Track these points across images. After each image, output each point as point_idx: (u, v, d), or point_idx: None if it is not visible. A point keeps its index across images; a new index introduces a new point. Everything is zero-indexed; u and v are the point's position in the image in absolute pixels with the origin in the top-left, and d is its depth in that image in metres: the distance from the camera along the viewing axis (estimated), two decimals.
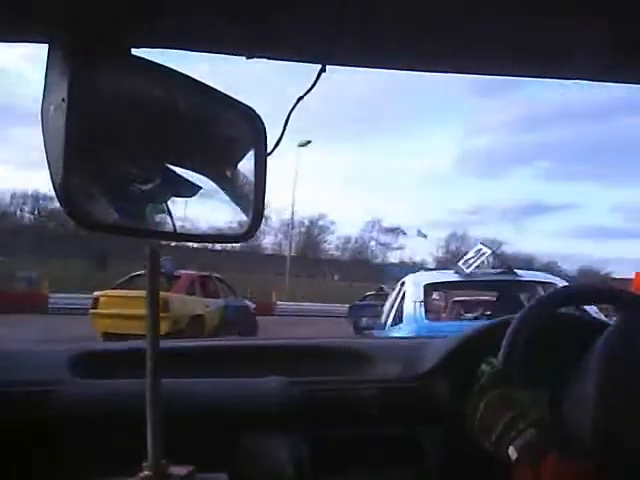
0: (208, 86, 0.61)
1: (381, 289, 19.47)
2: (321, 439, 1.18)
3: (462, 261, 4.64)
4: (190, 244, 0.69)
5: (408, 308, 4.38)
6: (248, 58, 0.60)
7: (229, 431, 1.15)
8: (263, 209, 0.65)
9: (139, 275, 11.35)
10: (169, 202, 0.63)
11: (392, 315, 4.76)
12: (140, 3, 0.52)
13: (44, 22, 0.53)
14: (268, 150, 0.66)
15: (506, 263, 4.92)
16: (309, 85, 0.63)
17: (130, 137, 0.58)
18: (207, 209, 0.65)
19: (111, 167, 0.57)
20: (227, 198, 0.67)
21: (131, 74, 0.57)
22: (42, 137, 0.52)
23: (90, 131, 0.54)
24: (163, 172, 0.61)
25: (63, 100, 0.51)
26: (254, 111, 0.65)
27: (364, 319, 13.88)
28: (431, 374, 1.22)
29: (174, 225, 0.63)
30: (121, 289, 11.18)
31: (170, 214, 0.63)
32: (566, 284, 3.95)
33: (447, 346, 1.28)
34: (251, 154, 0.66)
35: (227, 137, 0.69)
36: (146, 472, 0.68)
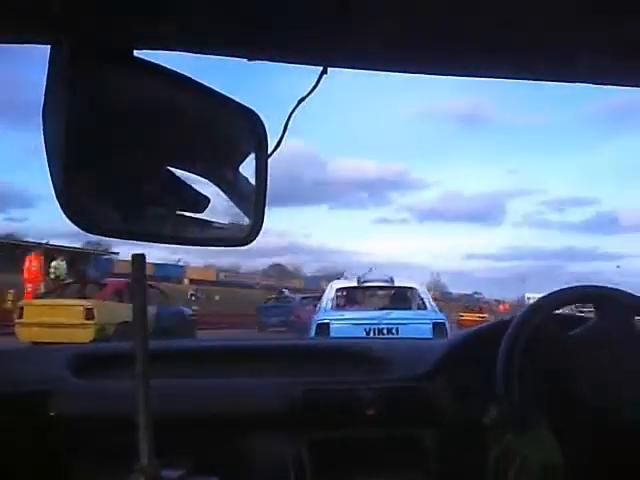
0: (209, 88, 0.61)
1: (281, 292, 20.58)
2: (321, 439, 1.18)
3: (361, 274, 7.73)
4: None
5: (322, 302, 7.28)
6: (249, 60, 0.60)
7: (230, 431, 1.15)
8: (264, 212, 0.65)
9: (68, 284, 11.97)
10: (170, 205, 0.63)
11: (318, 306, 7.53)
12: (142, 5, 0.52)
13: (45, 23, 0.52)
14: (269, 152, 0.66)
15: (389, 276, 7.53)
16: (310, 87, 0.63)
17: (130, 139, 0.58)
18: (208, 212, 0.65)
19: (112, 169, 0.57)
20: (228, 200, 0.67)
21: (132, 76, 0.56)
22: (42, 139, 0.52)
23: (91, 133, 0.54)
24: (164, 174, 0.61)
25: (64, 102, 0.51)
26: (255, 113, 0.65)
27: (272, 318, 15.05)
28: (431, 375, 1.22)
29: (174, 228, 0.62)
30: (44, 299, 10.98)
31: (170, 217, 0.63)
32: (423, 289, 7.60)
33: (446, 347, 1.29)
34: (252, 156, 0.66)
35: (228, 139, 0.69)
36: (137, 475, 0.68)
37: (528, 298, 22.74)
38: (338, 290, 7.55)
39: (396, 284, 7.48)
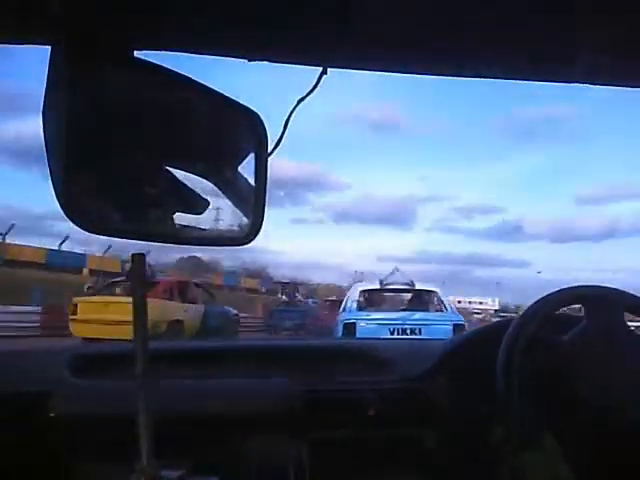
0: (209, 88, 0.61)
1: (294, 296, 21.04)
2: (321, 439, 1.18)
3: (383, 277, 8.20)
4: None
5: (347, 303, 7.69)
6: (249, 61, 0.60)
7: (230, 431, 1.15)
8: (264, 211, 0.65)
9: (117, 282, 11.95)
10: (169, 204, 0.63)
11: (342, 307, 7.92)
12: (142, 6, 0.52)
13: (46, 24, 0.52)
14: (269, 151, 0.66)
15: (410, 279, 8.06)
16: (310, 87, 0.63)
17: (130, 139, 0.58)
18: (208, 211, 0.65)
19: (112, 169, 0.57)
20: (228, 200, 0.67)
21: (132, 76, 0.57)
22: (43, 139, 0.52)
23: (91, 133, 0.54)
24: (164, 174, 0.61)
25: (64, 102, 0.51)
26: (255, 113, 0.65)
27: (286, 322, 14.99)
28: (431, 375, 1.22)
29: (174, 228, 0.63)
30: (99, 295, 11.39)
31: (170, 216, 0.63)
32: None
33: (446, 347, 1.29)
34: (252, 156, 0.66)
35: (228, 139, 0.69)
36: (137, 475, 0.68)
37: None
38: (362, 292, 8.03)
39: (417, 287, 8.09)
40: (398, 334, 6.68)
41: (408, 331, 6.79)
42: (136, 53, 0.55)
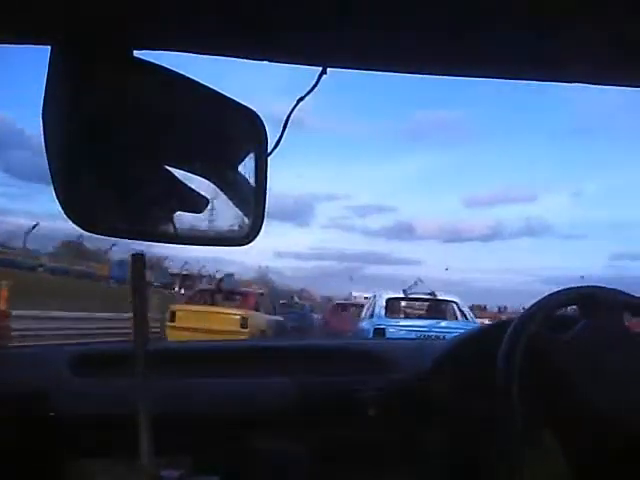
0: (209, 88, 0.61)
1: (291, 298, 21.85)
2: (321, 439, 1.18)
3: (407, 287, 9.72)
4: None
5: (376, 309, 8.58)
6: (250, 60, 0.60)
7: (230, 431, 1.15)
8: (264, 211, 0.65)
9: (205, 290, 13.31)
10: (170, 204, 0.63)
11: (367, 313, 9.10)
12: (142, 5, 0.52)
13: (45, 24, 0.52)
14: (269, 151, 0.66)
15: (431, 290, 9.17)
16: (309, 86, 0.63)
17: (131, 139, 0.58)
18: (207, 211, 0.65)
19: (112, 169, 0.57)
20: (228, 200, 0.67)
21: (132, 76, 0.56)
22: (43, 140, 0.52)
23: (91, 133, 0.54)
24: (164, 174, 0.61)
25: (64, 102, 0.51)
26: (255, 113, 0.65)
27: (288, 323, 15.36)
28: (431, 375, 1.22)
29: (174, 228, 0.62)
30: (195, 304, 11.98)
31: (170, 216, 0.63)
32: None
33: (446, 347, 1.29)
34: (252, 156, 0.66)
35: (228, 139, 0.69)
36: (137, 474, 0.68)
37: (354, 297, 25.68)
38: (388, 300, 8.82)
39: (438, 297, 9.00)
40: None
41: (434, 337, 6.70)
42: (136, 53, 0.55)
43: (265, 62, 0.61)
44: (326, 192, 76.46)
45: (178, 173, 0.62)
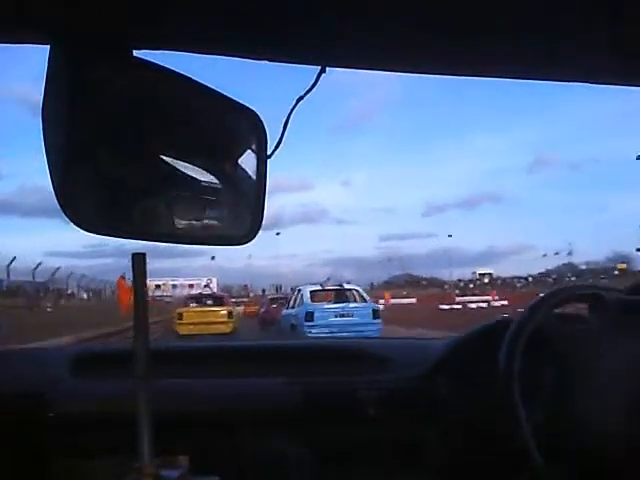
0: (208, 87, 0.61)
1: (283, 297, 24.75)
2: (321, 439, 1.18)
3: (322, 282, 12.80)
4: None
5: (304, 298, 11.52)
6: (250, 60, 0.60)
7: (230, 431, 1.15)
8: (263, 211, 0.65)
9: (205, 295, 18.15)
10: (169, 204, 0.63)
11: (297, 302, 11.88)
12: (142, 5, 0.52)
13: (45, 24, 0.52)
14: (268, 152, 0.66)
15: (340, 282, 13.08)
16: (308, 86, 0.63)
17: (130, 138, 0.58)
18: (207, 211, 0.65)
19: (111, 168, 0.57)
20: (227, 200, 0.67)
21: (132, 76, 0.56)
22: (42, 139, 0.52)
23: (90, 132, 0.54)
24: (163, 174, 0.61)
25: (64, 102, 0.51)
26: (255, 113, 0.65)
27: None
28: (431, 374, 1.22)
29: (174, 227, 0.63)
30: (194, 305, 16.75)
31: (170, 216, 0.63)
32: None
33: (447, 346, 1.29)
34: (252, 156, 0.66)
35: (228, 139, 0.69)
36: (137, 474, 0.68)
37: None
38: (312, 291, 11.97)
39: (345, 287, 12.52)
40: (341, 317, 10.91)
41: (346, 315, 11.01)
42: (136, 53, 0.55)
43: (265, 62, 0.61)
44: None
45: (178, 173, 0.62)
